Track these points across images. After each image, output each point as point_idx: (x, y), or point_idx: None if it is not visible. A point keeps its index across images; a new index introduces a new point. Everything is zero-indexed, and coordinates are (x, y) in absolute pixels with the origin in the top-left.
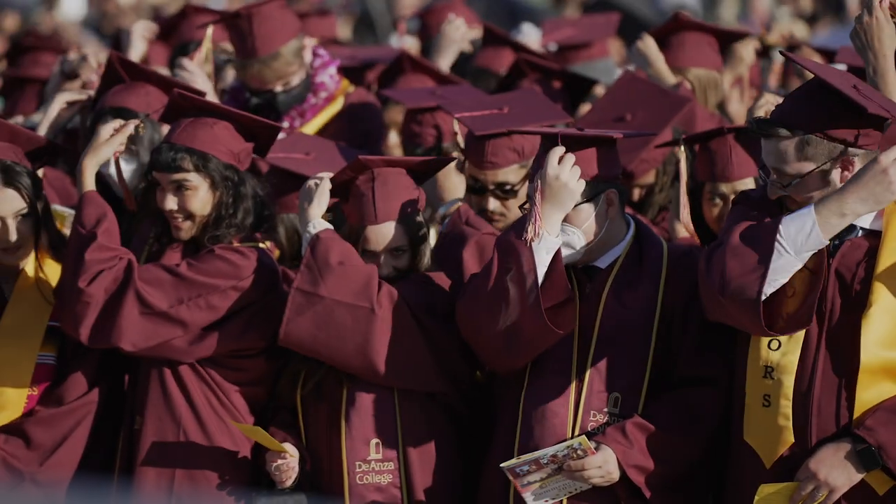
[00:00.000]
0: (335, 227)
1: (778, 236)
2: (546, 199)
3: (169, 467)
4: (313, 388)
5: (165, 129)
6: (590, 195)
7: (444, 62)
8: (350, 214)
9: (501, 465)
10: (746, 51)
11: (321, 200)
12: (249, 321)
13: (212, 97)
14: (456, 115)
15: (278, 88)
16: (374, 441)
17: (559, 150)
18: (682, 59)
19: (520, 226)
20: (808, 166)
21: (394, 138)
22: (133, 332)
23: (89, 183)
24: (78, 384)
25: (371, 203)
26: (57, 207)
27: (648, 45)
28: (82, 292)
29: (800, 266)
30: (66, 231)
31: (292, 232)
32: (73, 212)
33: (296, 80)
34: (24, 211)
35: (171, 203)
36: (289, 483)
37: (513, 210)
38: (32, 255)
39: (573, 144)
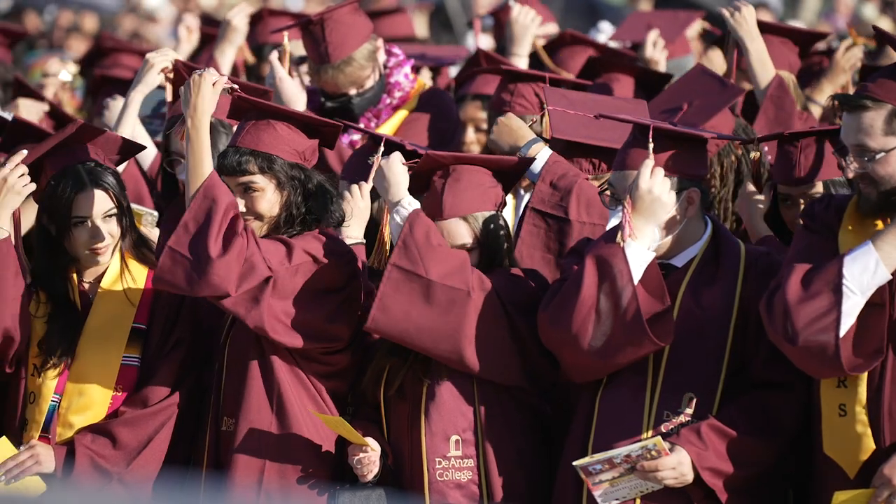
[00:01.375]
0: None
1: (844, 280)
2: (638, 211)
3: (260, 463)
4: (397, 389)
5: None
6: (675, 190)
7: (522, 49)
8: (425, 208)
9: (574, 463)
10: (846, 59)
11: (402, 179)
12: (339, 306)
13: (302, 105)
14: (549, 107)
15: (352, 92)
16: (455, 438)
17: (650, 164)
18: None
19: (609, 236)
20: (894, 141)
21: (471, 135)
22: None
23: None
24: (162, 385)
25: (439, 198)
26: (135, 207)
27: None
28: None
29: (864, 302)
30: (144, 230)
31: None
32: (151, 211)
33: (370, 82)
34: (113, 211)
35: (239, 205)
36: (370, 477)
37: None
38: (117, 256)
39: (664, 139)
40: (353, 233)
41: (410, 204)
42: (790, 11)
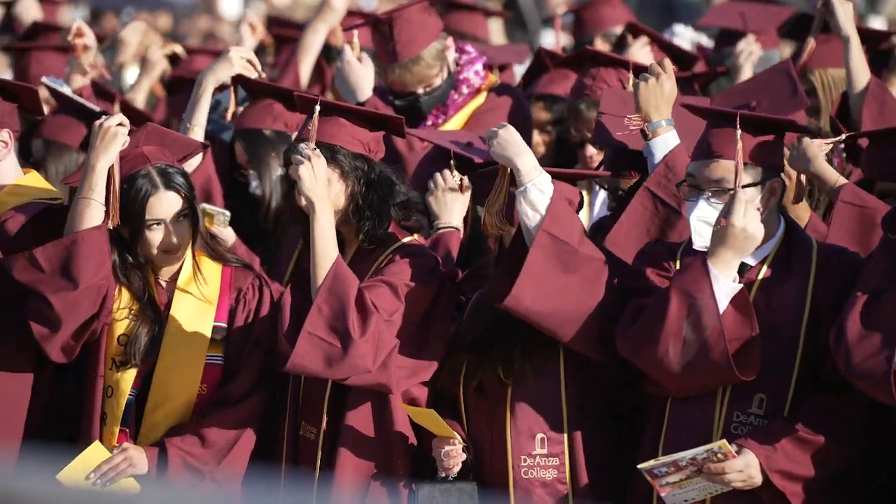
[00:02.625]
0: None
1: None
2: (729, 245)
3: (355, 461)
4: (477, 385)
5: None
6: (757, 180)
7: None
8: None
9: (640, 466)
10: None
11: (525, 146)
12: (437, 325)
13: (368, 92)
14: (600, 111)
15: (420, 91)
16: (540, 436)
17: (743, 199)
18: (812, 61)
19: (697, 269)
20: None
21: (536, 137)
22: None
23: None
24: (245, 383)
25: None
26: (206, 206)
27: (810, 144)
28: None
29: None
30: (216, 229)
31: None
32: (223, 210)
33: (438, 81)
34: (185, 212)
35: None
36: (455, 470)
37: None
38: (189, 256)
39: (753, 127)
40: (447, 218)
41: (539, 169)
42: (870, 9)
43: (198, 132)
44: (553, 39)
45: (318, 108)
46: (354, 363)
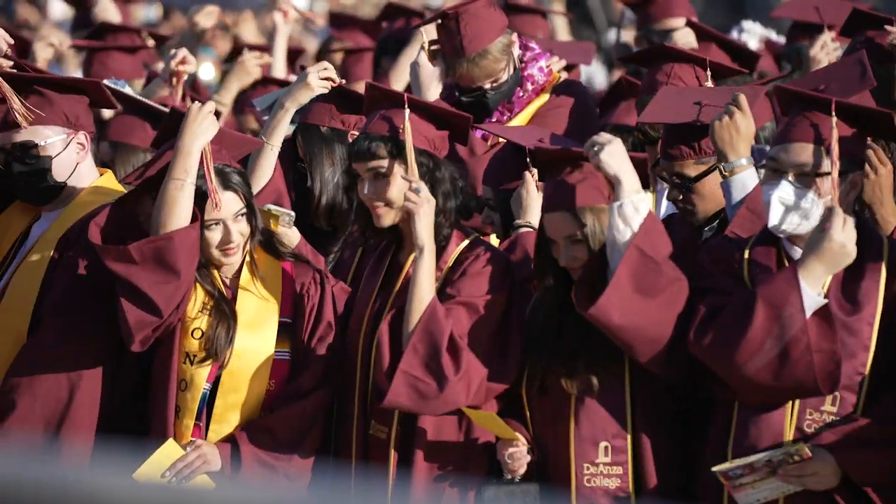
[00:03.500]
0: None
1: None
2: (822, 259)
3: (430, 459)
4: (539, 386)
5: None
6: (842, 170)
7: None
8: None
9: (714, 468)
10: None
11: (630, 163)
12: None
13: (436, 93)
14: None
15: (487, 86)
16: (604, 444)
17: (841, 214)
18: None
19: (787, 278)
20: None
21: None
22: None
23: None
24: (312, 379)
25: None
26: (272, 207)
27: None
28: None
29: None
30: (281, 230)
31: None
32: (288, 211)
33: (504, 76)
34: (243, 211)
35: (369, 191)
36: (521, 472)
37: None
38: (249, 253)
39: (847, 115)
40: (528, 217)
41: (640, 190)
42: None
43: (275, 153)
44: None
45: (407, 107)
46: (449, 400)
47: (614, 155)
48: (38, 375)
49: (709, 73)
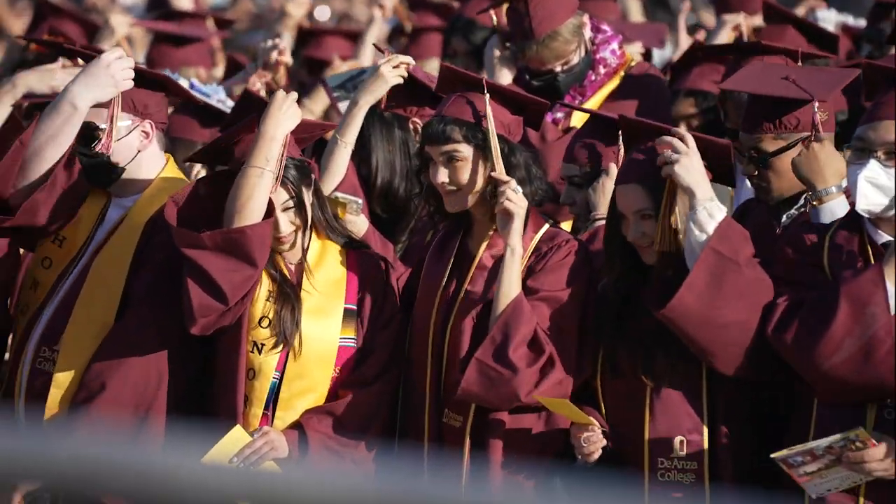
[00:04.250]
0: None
1: None
2: None
3: (507, 447)
4: (612, 373)
5: None
6: None
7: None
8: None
9: (773, 455)
10: None
11: (705, 175)
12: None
13: (507, 81)
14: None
15: (558, 69)
16: (679, 439)
17: None
18: None
19: (872, 276)
20: None
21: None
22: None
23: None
24: (378, 364)
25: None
26: (339, 195)
27: None
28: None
29: None
30: (349, 217)
31: None
32: (355, 199)
33: (575, 58)
34: (289, 203)
35: (442, 176)
36: (595, 456)
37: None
38: (314, 240)
39: None
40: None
41: (714, 199)
42: None
43: (349, 151)
44: (693, 20)
45: (486, 91)
46: (520, 391)
47: (690, 170)
48: (127, 359)
49: (800, 63)
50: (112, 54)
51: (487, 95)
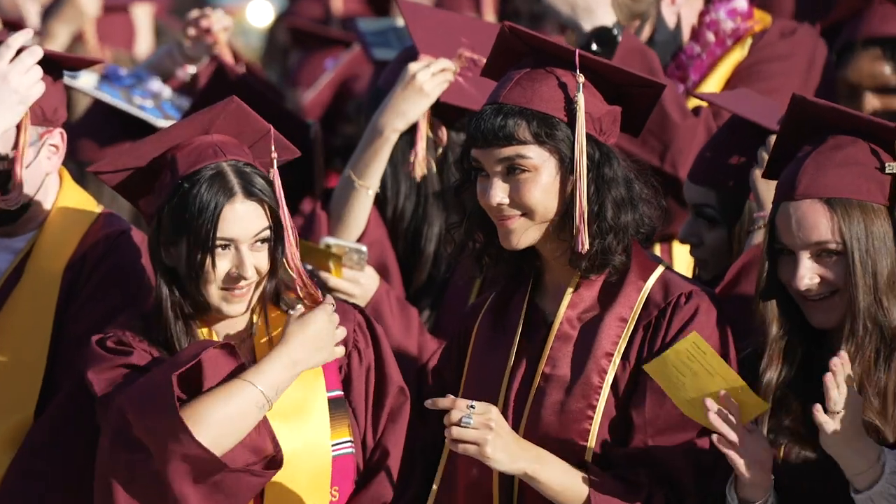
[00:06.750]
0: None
1: None
2: None
3: None
4: None
5: None
6: None
7: None
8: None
9: None
10: None
11: None
12: None
13: None
14: None
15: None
16: None
17: None
18: None
19: None
20: None
21: (872, 102)
22: None
23: None
24: (394, 481)
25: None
26: (331, 241)
27: None
28: None
29: None
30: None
31: None
32: (359, 246)
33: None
34: (265, 234)
35: (499, 193)
36: None
37: None
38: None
39: None
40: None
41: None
42: None
43: (371, 197)
44: None
45: (579, 69)
46: None
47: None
48: None
49: None
50: (1, 60)
51: (581, 77)
